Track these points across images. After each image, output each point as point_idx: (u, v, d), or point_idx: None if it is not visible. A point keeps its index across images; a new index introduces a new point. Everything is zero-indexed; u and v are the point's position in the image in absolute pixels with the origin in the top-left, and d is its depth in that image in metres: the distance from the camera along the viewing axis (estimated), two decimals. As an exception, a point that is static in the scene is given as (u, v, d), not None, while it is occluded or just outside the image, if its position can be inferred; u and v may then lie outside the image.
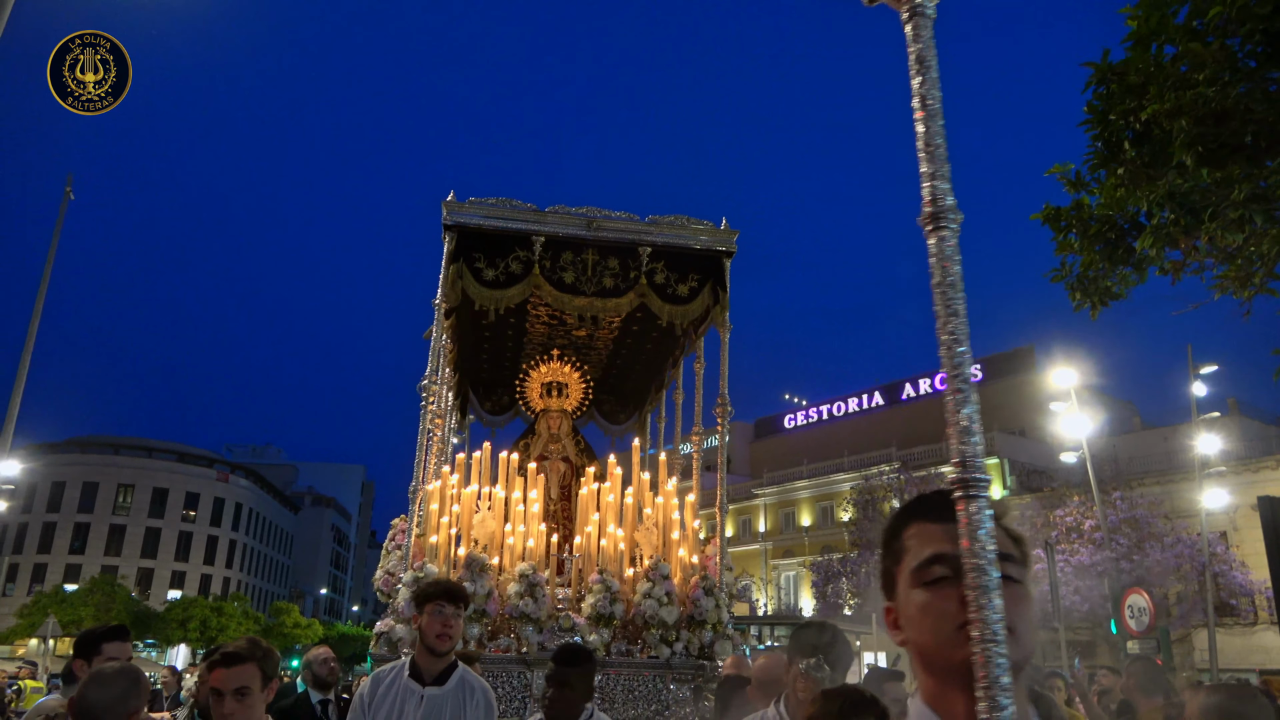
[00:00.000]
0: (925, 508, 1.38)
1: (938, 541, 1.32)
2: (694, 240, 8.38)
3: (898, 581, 1.38)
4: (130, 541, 60.28)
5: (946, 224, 1.36)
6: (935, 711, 1.31)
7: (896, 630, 1.39)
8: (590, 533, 7.74)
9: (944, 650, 1.27)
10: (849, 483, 38.90)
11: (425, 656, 3.76)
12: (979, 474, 1.22)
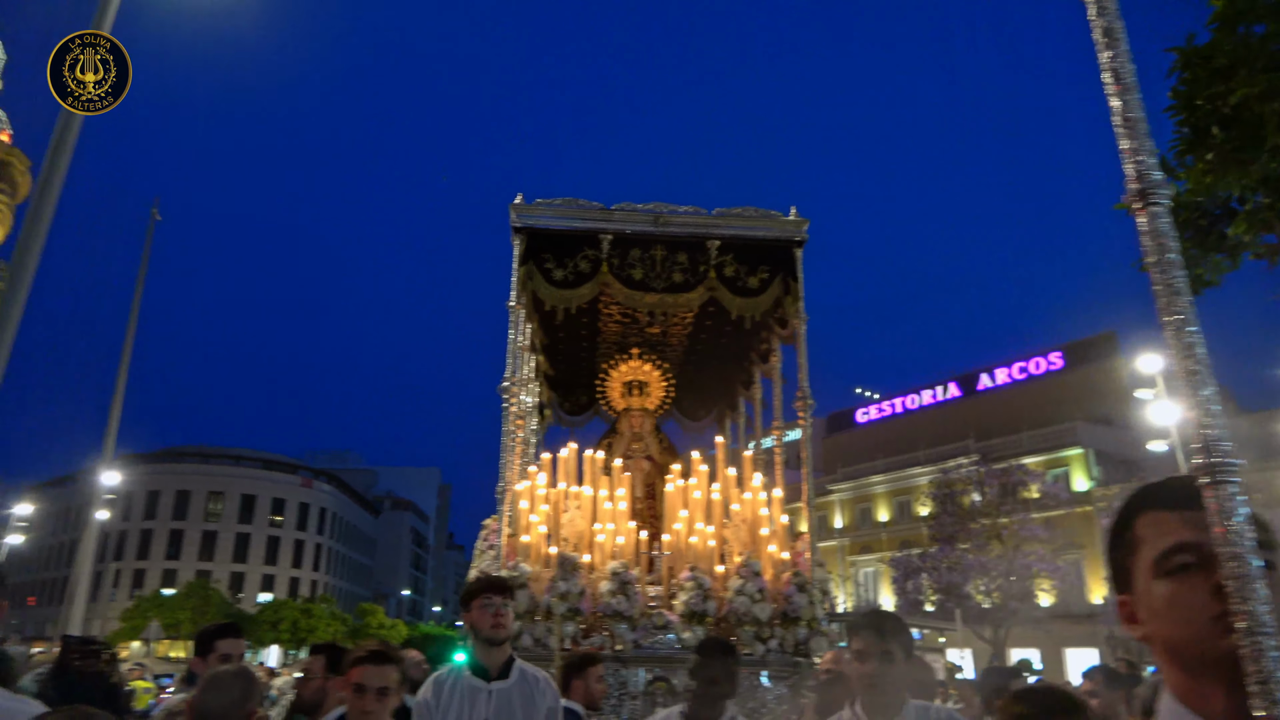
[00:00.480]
0: (1156, 496, 1.34)
1: (1177, 530, 1.27)
2: (763, 231, 8.30)
3: (1133, 574, 1.33)
4: (222, 546, 62.61)
5: (1157, 199, 1.31)
6: (1189, 708, 1.26)
7: (1134, 624, 1.34)
8: (679, 530, 7.74)
9: (1197, 643, 1.23)
10: (926, 476, 38.12)
11: (484, 651, 3.75)
12: (1227, 457, 1.18)
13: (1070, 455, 35.56)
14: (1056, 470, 35.17)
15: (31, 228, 6.60)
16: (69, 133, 6.74)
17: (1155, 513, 1.31)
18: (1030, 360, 43.24)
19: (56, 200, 6.74)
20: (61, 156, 6.56)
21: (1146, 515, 1.33)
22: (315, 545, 68.09)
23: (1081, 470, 35.02)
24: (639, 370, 9.57)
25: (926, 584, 30.75)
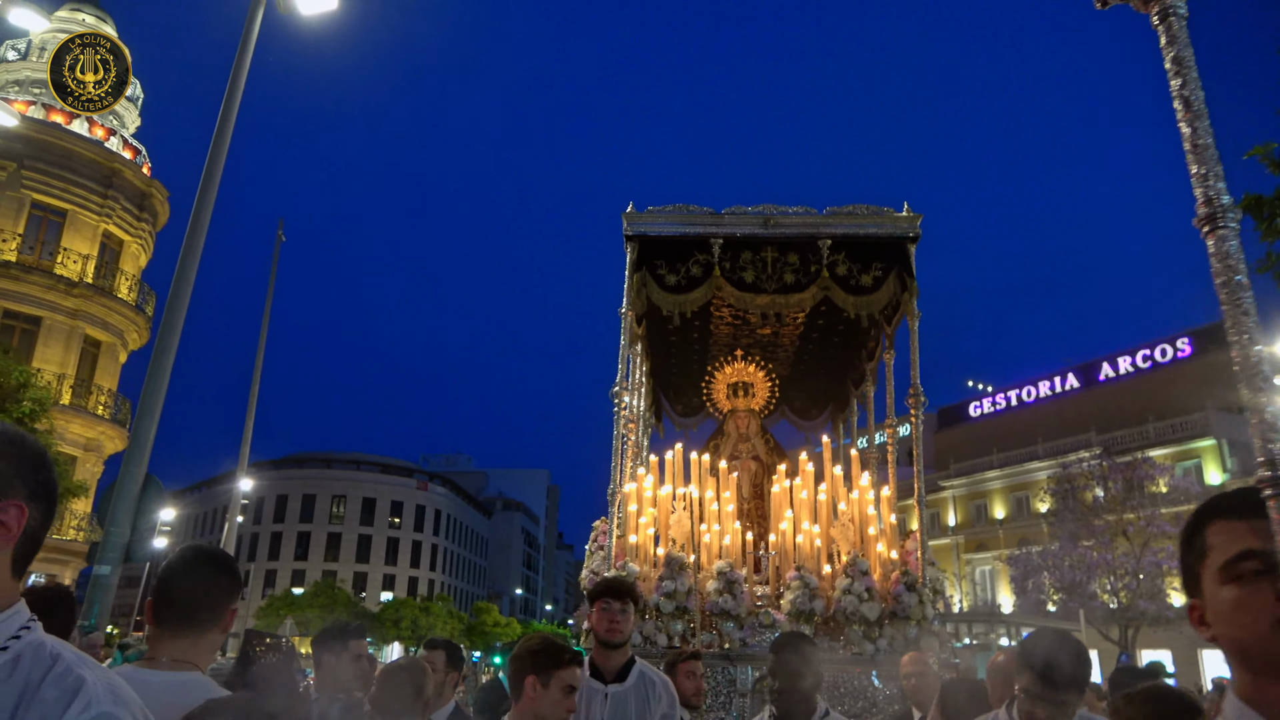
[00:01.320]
0: (1226, 505, 1.39)
1: (1246, 538, 1.32)
2: (875, 228, 8.23)
3: (1203, 579, 1.39)
4: (345, 547, 65.33)
5: (1225, 223, 1.36)
6: (1255, 708, 1.31)
7: (1204, 627, 1.39)
8: (785, 530, 7.78)
9: (1261, 645, 1.28)
10: (1045, 471, 36.73)
11: (600, 653, 3.79)
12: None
13: (1201, 446, 33.62)
14: (1186, 463, 33.33)
15: (185, 259, 7.24)
16: (215, 169, 7.37)
17: (1225, 521, 1.37)
18: (1155, 347, 41.06)
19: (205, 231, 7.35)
20: (209, 194, 7.18)
21: (1216, 523, 1.38)
22: (432, 546, 70.36)
23: (1214, 462, 33.07)
24: (743, 372, 9.63)
25: (1048, 583, 29.66)
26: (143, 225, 26.45)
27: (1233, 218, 1.36)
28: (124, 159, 25.45)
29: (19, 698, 1.28)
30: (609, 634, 3.73)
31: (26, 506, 1.37)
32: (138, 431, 7.14)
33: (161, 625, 2.12)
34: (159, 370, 7.19)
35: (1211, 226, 1.36)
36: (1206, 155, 1.39)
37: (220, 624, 2.19)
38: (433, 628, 44.71)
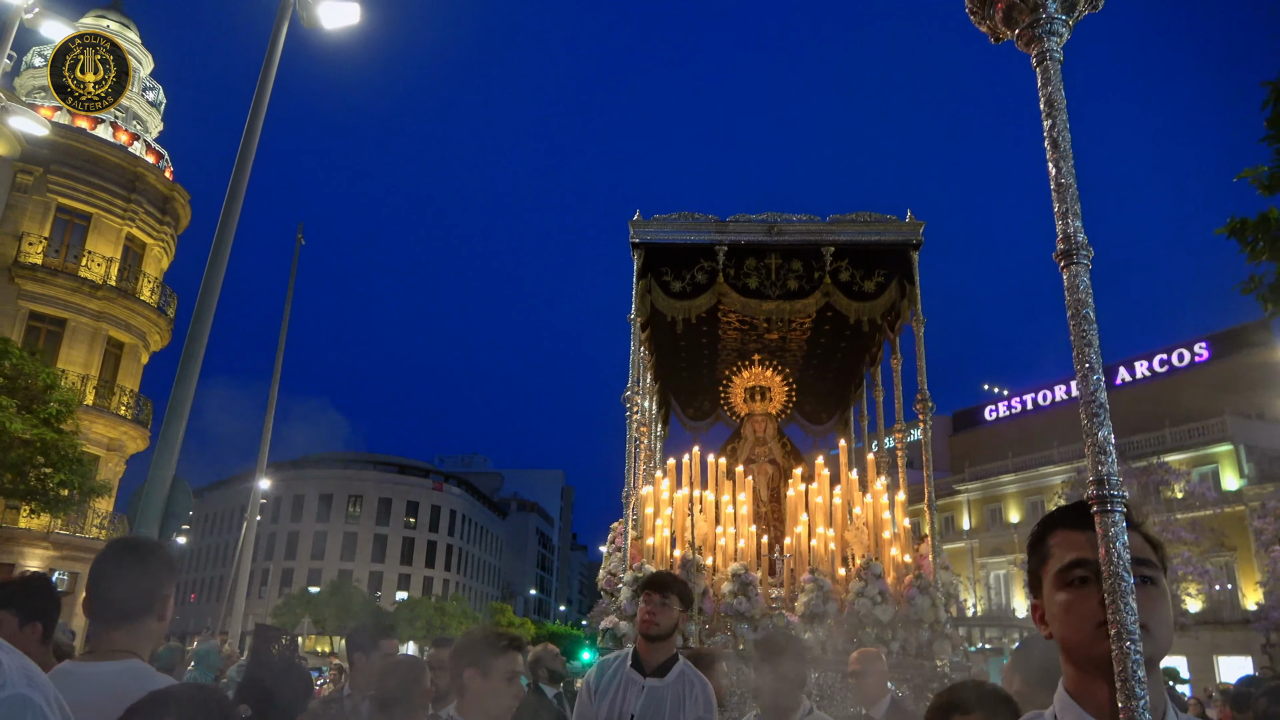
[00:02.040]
0: (1068, 516, 1.51)
1: (1079, 547, 1.43)
2: (878, 235, 8.30)
3: (1043, 582, 1.50)
4: (361, 547, 65.57)
5: (1079, 259, 1.46)
6: (1076, 700, 1.42)
7: (1044, 625, 1.50)
8: (800, 533, 7.86)
9: (1085, 645, 1.39)
10: (1060, 475, 36.62)
11: (643, 646, 3.82)
12: (1115, 491, 1.34)
13: (1219, 452, 33.40)
14: (1203, 468, 33.13)
15: (214, 261, 7.42)
16: (242, 178, 7.57)
17: (1064, 531, 1.48)
18: (1172, 351, 40.87)
19: (231, 239, 7.53)
20: (235, 203, 7.36)
21: (1058, 533, 1.50)
22: (447, 546, 70.60)
23: (1231, 468, 32.85)
24: (761, 376, 9.71)
25: (1063, 587, 29.59)
26: (165, 228, 26.81)
27: (1085, 255, 1.45)
28: (147, 163, 25.84)
29: None
30: (644, 626, 3.76)
31: None
32: (166, 433, 7.30)
33: (96, 619, 2.15)
34: (187, 373, 7.35)
35: (1067, 261, 1.46)
36: (1067, 194, 1.48)
37: (156, 612, 2.21)
38: (447, 627, 44.96)
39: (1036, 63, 1.57)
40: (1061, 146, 1.51)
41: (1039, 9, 1.55)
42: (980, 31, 1.70)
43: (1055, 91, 1.54)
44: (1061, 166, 1.50)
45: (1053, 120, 1.53)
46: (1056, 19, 1.55)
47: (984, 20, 1.68)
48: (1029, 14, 1.56)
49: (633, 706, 3.66)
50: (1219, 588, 28.09)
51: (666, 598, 3.78)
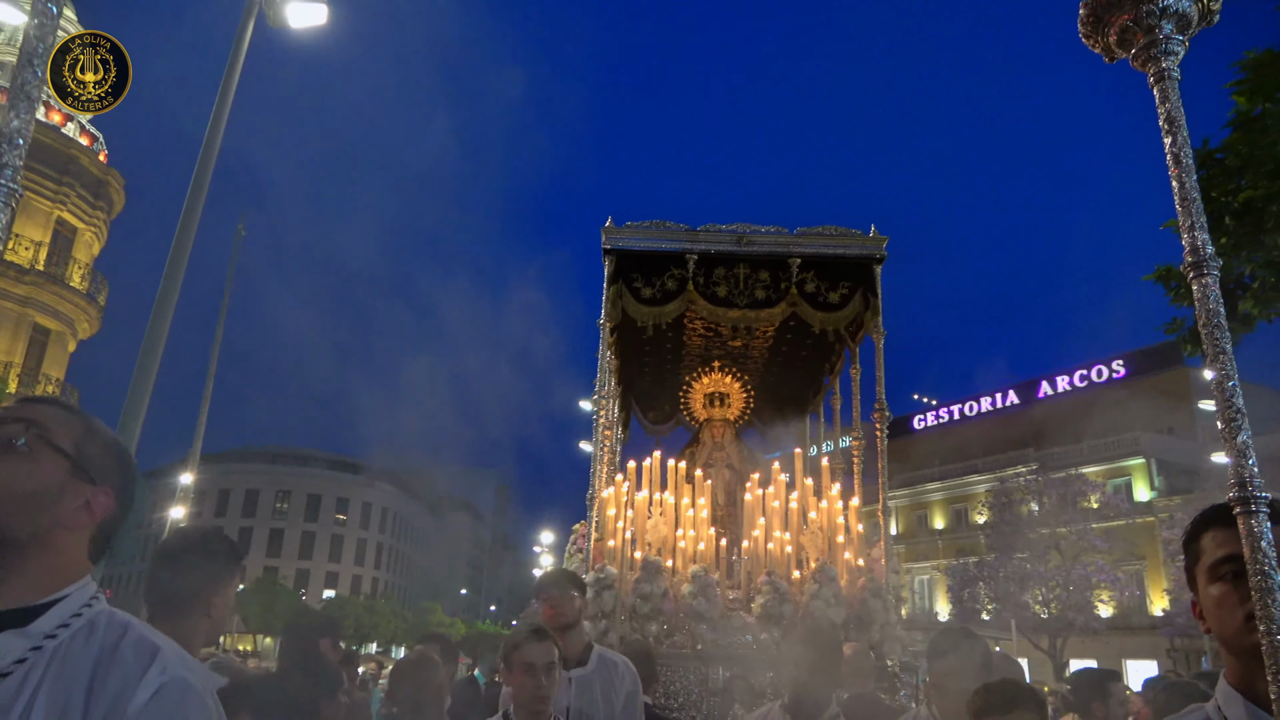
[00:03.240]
0: (1218, 515, 1.59)
1: (1230, 544, 1.50)
2: (843, 249, 8.55)
3: (1197, 578, 1.60)
4: (289, 544, 64.17)
5: (1208, 271, 1.47)
6: (1237, 690, 1.50)
7: (1202, 621, 1.59)
8: (757, 536, 8.06)
9: (1238, 635, 1.48)
10: (984, 485, 37.81)
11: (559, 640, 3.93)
12: (1259, 492, 1.39)
13: (1132, 465, 34.99)
14: (1118, 480, 34.65)
15: (175, 257, 7.36)
16: (204, 176, 7.53)
17: (1216, 529, 1.58)
18: (1092, 368, 42.59)
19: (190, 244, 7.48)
20: (197, 202, 7.32)
21: (1210, 531, 1.60)
22: (377, 544, 69.49)
23: (1143, 481, 34.47)
24: (720, 382, 9.88)
25: (983, 593, 30.59)
26: (98, 213, 25.96)
27: (1215, 266, 1.47)
28: (80, 145, 25.00)
29: (98, 657, 1.34)
30: (552, 619, 3.81)
31: (114, 499, 1.50)
32: (121, 433, 7.19)
33: (149, 610, 2.18)
34: (145, 372, 7.25)
35: (1196, 273, 1.48)
36: (1193, 208, 1.49)
37: (203, 608, 2.20)
38: (376, 626, 44.33)
39: (1154, 82, 1.57)
40: (1184, 162, 1.51)
41: (1154, 30, 1.55)
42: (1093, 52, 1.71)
43: (1175, 109, 1.53)
44: (1185, 181, 1.50)
45: (1174, 137, 1.53)
46: (1173, 39, 1.55)
47: (1097, 41, 1.68)
48: (1145, 34, 1.56)
49: (565, 701, 3.68)
50: (1129, 595, 29.42)
51: (564, 589, 3.86)
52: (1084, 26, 1.66)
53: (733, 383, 9.92)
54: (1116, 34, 1.61)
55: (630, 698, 3.78)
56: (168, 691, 1.32)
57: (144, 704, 1.30)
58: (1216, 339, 1.44)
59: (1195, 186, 1.50)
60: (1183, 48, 1.56)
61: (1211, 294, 1.46)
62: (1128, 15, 1.56)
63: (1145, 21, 1.54)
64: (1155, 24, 1.53)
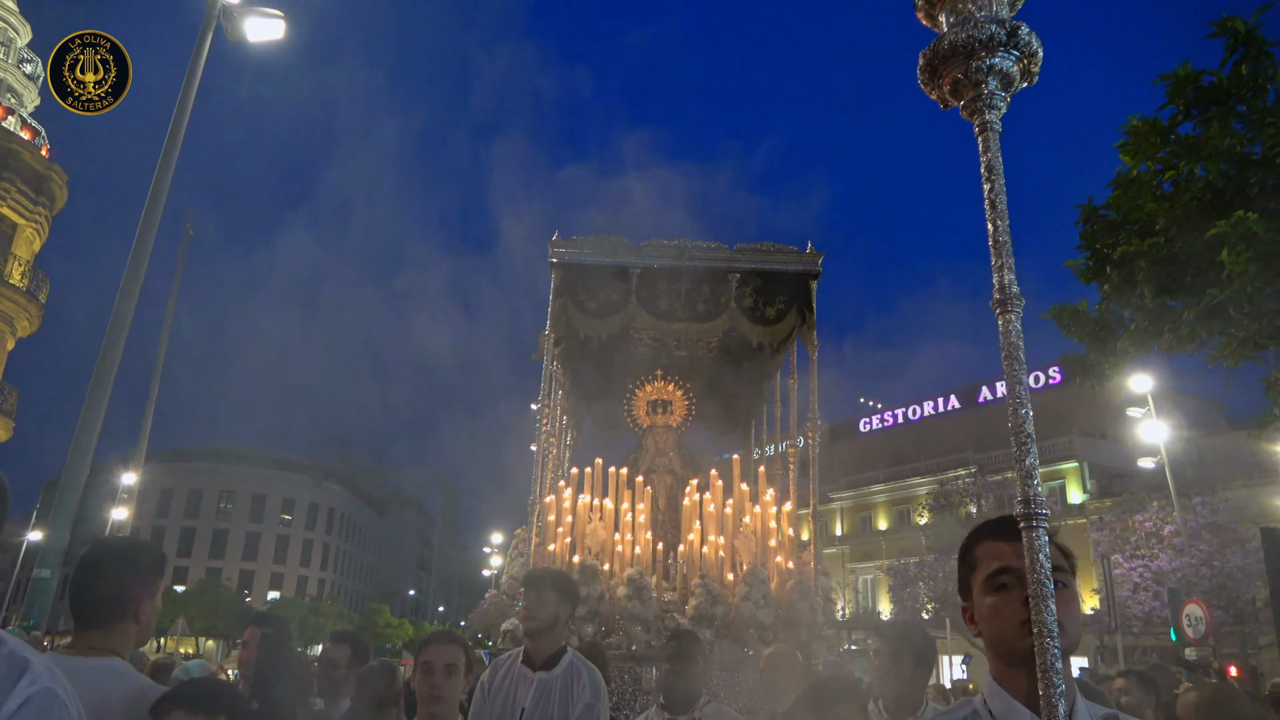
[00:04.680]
0: (993, 528, 1.71)
1: (1003, 556, 1.63)
2: (780, 265, 8.74)
3: (972, 587, 1.70)
4: (232, 545, 62.86)
5: (1012, 308, 1.61)
6: (1003, 687, 1.62)
7: (973, 624, 1.71)
8: (693, 540, 8.28)
9: (1010, 641, 1.59)
10: (925, 487, 38.54)
11: (530, 642, 3.90)
12: (1040, 510, 1.51)
13: (1066, 468, 36.00)
14: (1052, 483, 35.66)
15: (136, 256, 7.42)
16: (164, 180, 7.59)
17: (990, 542, 1.70)
18: (1030, 374, 43.57)
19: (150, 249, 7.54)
20: (155, 208, 7.39)
21: (984, 543, 1.71)
22: (323, 544, 68.39)
23: (1076, 483, 35.46)
24: (663, 390, 10.07)
25: (923, 592, 31.27)
26: (39, 209, 25.33)
27: (1018, 304, 1.62)
28: (21, 139, 24.39)
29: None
30: (524, 621, 3.90)
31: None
32: (79, 438, 7.17)
33: (76, 618, 2.22)
34: (103, 376, 7.31)
35: (1002, 310, 1.62)
36: (1003, 250, 1.63)
37: (132, 615, 2.24)
38: (322, 628, 43.77)
39: (978, 132, 1.71)
40: (999, 207, 1.65)
41: (981, 85, 1.70)
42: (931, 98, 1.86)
43: (994, 158, 1.68)
44: (999, 225, 1.64)
45: (991, 184, 1.67)
46: (996, 94, 1.71)
47: (933, 90, 1.81)
48: (972, 89, 1.71)
49: (524, 700, 3.76)
50: (1060, 594, 30.14)
51: (541, 591, 3.85)
52: (922, 75, 1.80)
53: (675, 390, 10.11)
54: (949, 85, 1.76)
55: (587, 709, 3.76)
56: (35, 701, 1.42)
57: (13, 712, 1.38)
58: (1014, 371, 1.59)
59: (1007, 230, 1.64)
60: (1005, 103, 1.72)
61: (1013, 329, 1.60)
62: (959, 70, 1.72)
63: (973, 77, 1.70)
64: (982, 79, 1.70)
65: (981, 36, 1.67)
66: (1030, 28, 1.70)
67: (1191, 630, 14.57)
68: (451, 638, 3.21)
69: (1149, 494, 27.27)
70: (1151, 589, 23.74)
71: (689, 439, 10.85)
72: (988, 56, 1.68)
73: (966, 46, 1.69)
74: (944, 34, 1.74)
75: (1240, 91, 5.59)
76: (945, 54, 1.73)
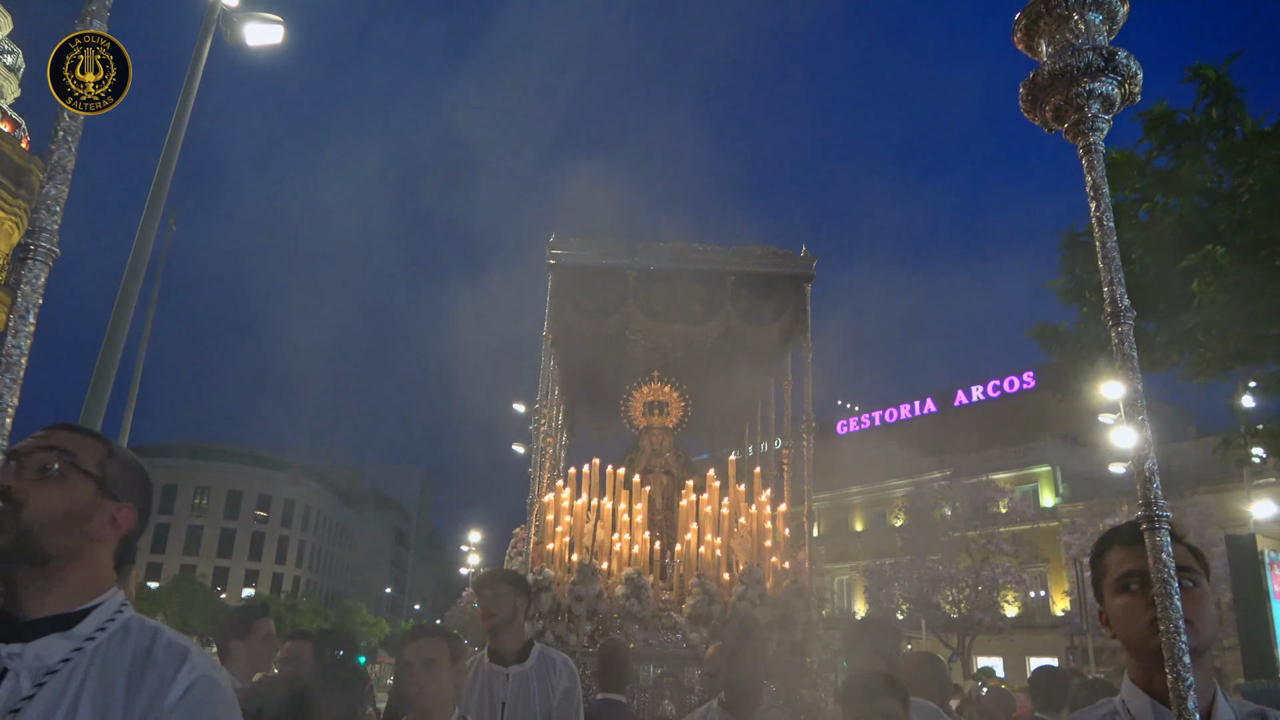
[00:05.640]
0: (1119, 535, 1.79)
1: (1130, 560, 1.70)
2: (775, 268, 8.88)
3: (1104, 591, 1.77)
4: (207, 541, 62.44)
5: (1125, 320, 1.63)
6: (1142, 688, 1.67)
7: (1108, 627, 1.77)
8: (690, 540, 8.40)
9: (1141, 639, 1.64)
10: (901, 489, 38.91)
11: (493, 640, 3.90)
12: (1162, 512, 1.51)
13: (1039, 472, 36.57)
14: (1025, 486, 36.22)
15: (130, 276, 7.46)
16: (164, 182, 7.63)
17: (1119, 547, 1.77)
18: (1005, 379, 44.30)
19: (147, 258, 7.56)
20: (154, 215, 7.44)
21: (1113, 549, 1.78)
22: (299, 541, 67.93)
23: (1048, 487, 36.04)
24: (659, 392, 10.17)
25: (898, 593, 31.64)
26: (19, 201, 25.02)
27: (1130, 316, 1.63)
28: (1, 131, 24.09)
29: (134, 657, 1.48)
30: (484, 620, 3.89)
31: (136, 513, 1.63)
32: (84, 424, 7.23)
33: None
34: (103, 380, 7.34)
35: (1115, 323, 1.63)
36: (1113, 264, 1.65)
37: None
38: (298, 625, 43.55)
39: (1082, 154, 1.74)
40: (1106, 225, 1.67)
41: (1084, 109, 1.72)
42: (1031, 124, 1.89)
43: (1099, 179, 1.71)
44: (1106, 243, 1.66)
45: (1097, 203, 1.69)
46: (1100, 117, 1.73)
47: (1036, 115, 1.84)
48: (1075, 113, 1.74)
49: (502, 696, 3.76)
50: (1034, 595, 30.77)
51: (495, 587, 3.88)
52: (1024, 103, 1.84)
53: (671, 392, 10.20)
54: (1052, 110, 1.79)
55: (567, 694, 3.80)
56: (198, 687, 1.47)
57: (178, 699, 1.44)
58: (1130, 379, 1.60)
59: (1115, 247, 1.65)
60: (1107, 124, 1.75)
61: (1127, 341, 1.60)
62: (1060, 96, 1.75)
63: (1075, 101, 1.73)
64: (1084, 103, 1.72)
65: (1080, 64, 1.71)
66: (1129, 52, 1.74)
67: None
68: (429, 631, 3.15)
69: (1120, 498, 27.80)
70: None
71: (684, 439, 10.94)
72: (1089, 82, 1.71)
73: (1066, 74, 1.72)
74: (1044, 63, 1.78)
75: (1212, 131, 5.93)
76: (1045, 82, 1.76)
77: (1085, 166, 1.72)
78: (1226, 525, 24.94)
